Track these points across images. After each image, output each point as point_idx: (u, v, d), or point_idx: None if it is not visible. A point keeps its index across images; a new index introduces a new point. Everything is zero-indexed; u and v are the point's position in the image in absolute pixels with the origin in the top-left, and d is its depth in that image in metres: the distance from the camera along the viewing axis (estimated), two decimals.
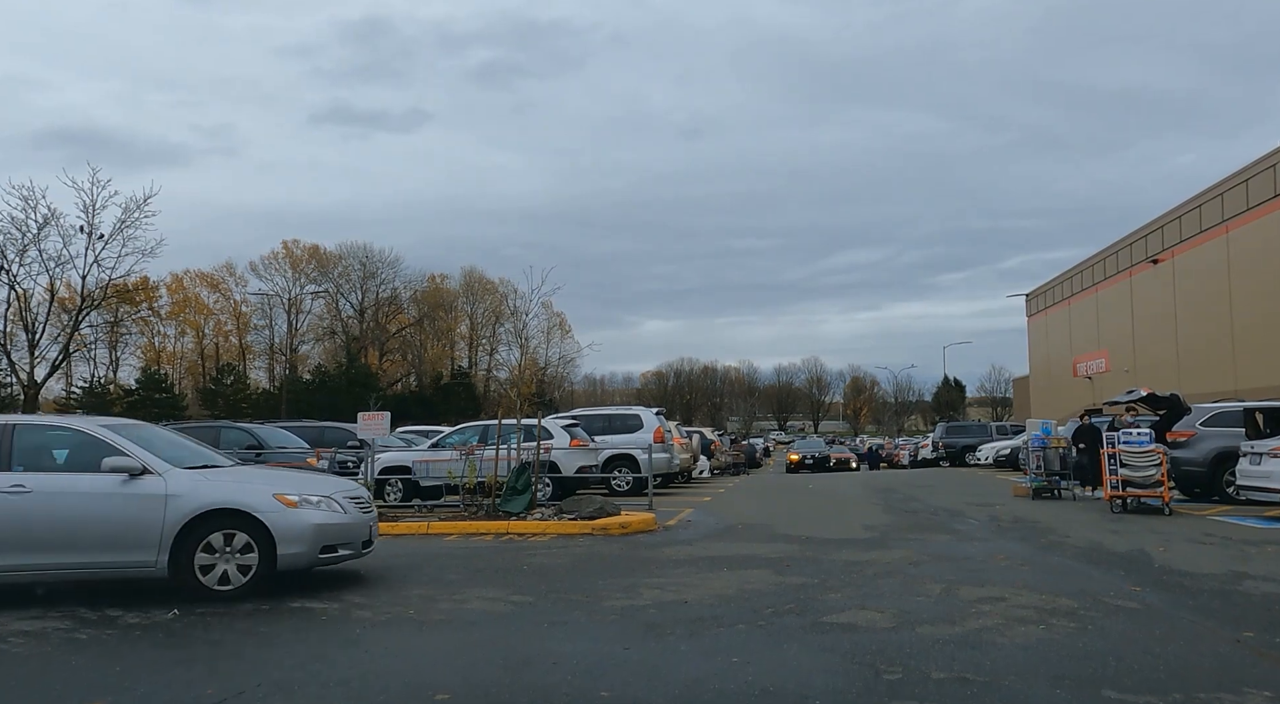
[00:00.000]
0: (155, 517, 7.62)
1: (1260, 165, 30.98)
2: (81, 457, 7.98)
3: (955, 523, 13.76)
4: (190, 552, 7.65)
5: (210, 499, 7.80)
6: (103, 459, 7.72)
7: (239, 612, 7.14)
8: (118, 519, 7.62)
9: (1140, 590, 7.67)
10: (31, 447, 8.01)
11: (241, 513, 7.79)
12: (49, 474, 7.84)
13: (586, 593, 7.78)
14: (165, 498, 7.68)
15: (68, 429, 8.36)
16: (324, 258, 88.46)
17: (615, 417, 22.55)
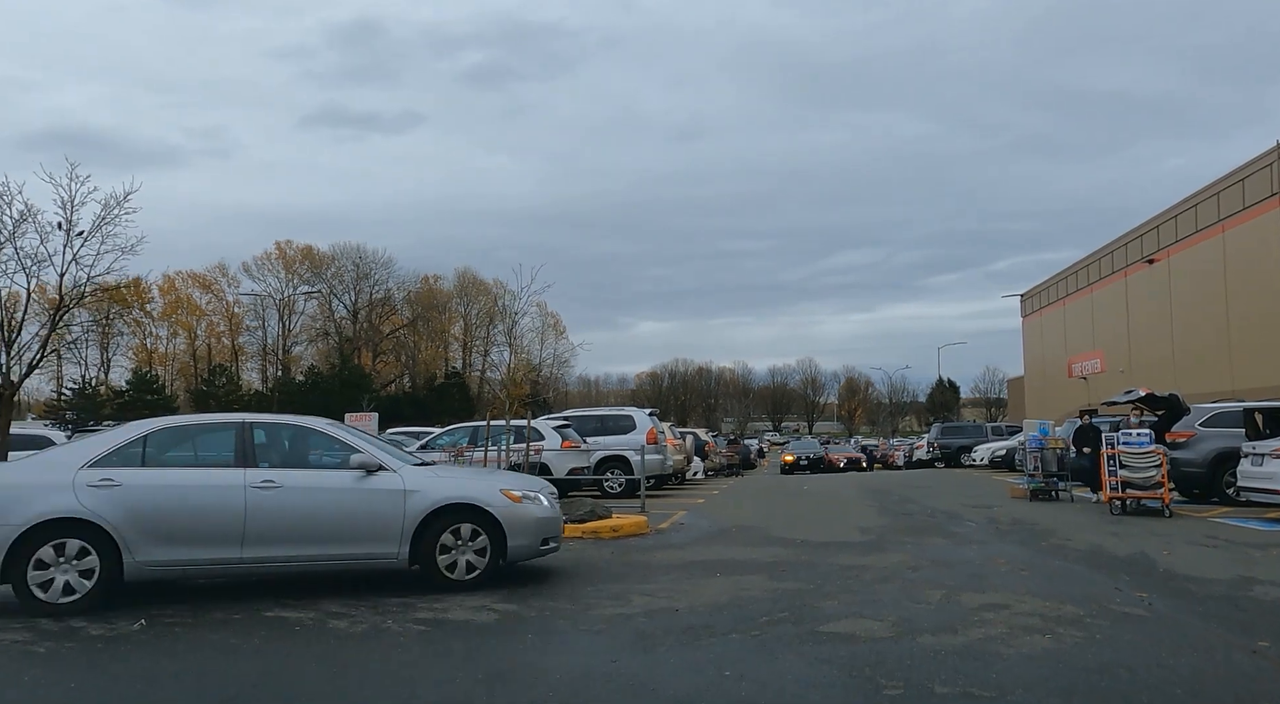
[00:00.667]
0: (396, 511, 7.98)
1: (1256, 165, 30.83)
2: (315, 453, 8.41)
3: (953, 525, 13.50)
4: (430, 544, 8.05)
5: (446, 494, 8.21)
6: (349, 456, 8.08)
7: (205, 622, 6.85)
8: (362, 513, 7.95)
9: (1147, 596, 7.41)
10: (270, 443, 8.27)
11: (474, 507, 8.21)
12: (292, 470, 8.06)
13: (574, 600, 7.50)
14: (404, 493, 8.06)
15: (302, 427, 8.71)
16: (317, 258, 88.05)
17: (608, 418, 22.27)
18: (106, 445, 7.74)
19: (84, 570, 7.23)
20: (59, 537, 7.22)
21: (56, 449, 8.04)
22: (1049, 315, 57.35)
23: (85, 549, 7.24)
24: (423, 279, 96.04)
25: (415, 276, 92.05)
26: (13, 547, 7.08)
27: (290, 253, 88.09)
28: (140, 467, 7.70)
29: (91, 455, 7.63)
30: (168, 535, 7.48)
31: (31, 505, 7.22)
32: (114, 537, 7.29)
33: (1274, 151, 29.23)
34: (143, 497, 7.47)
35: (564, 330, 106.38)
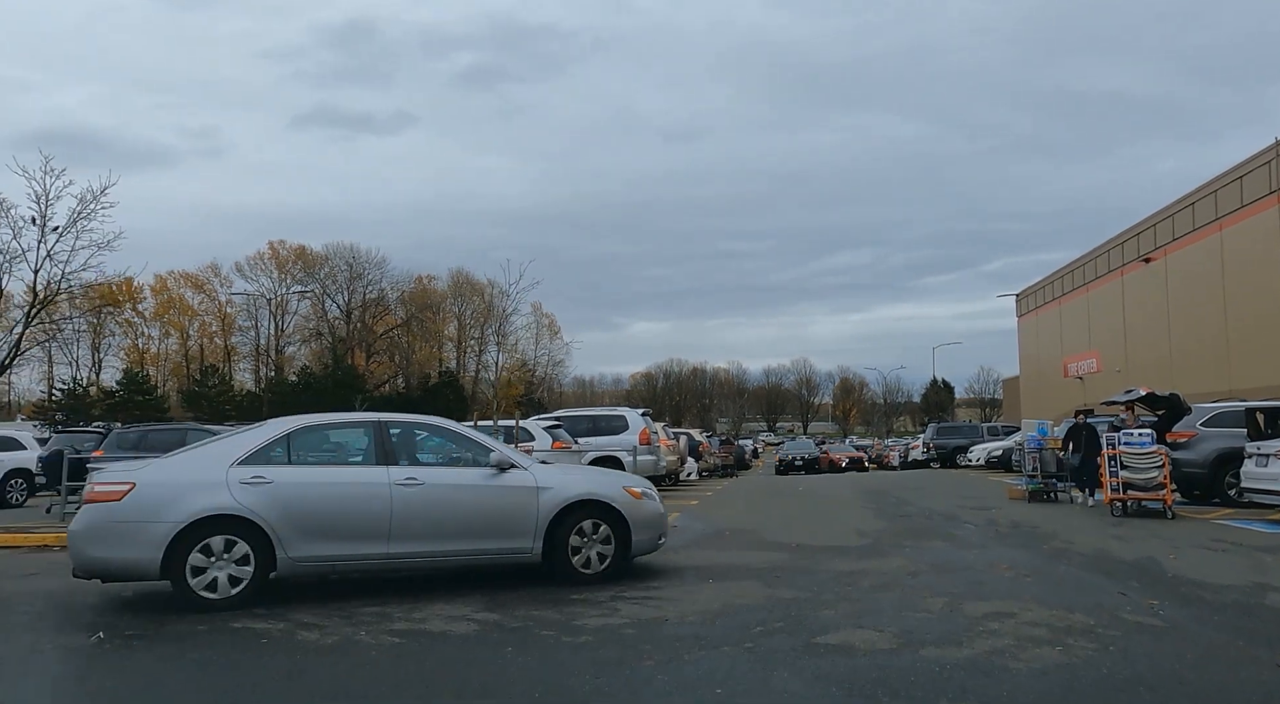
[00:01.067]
0: (530, 507, 8.25)
1: (1254, 162, 30.58)
2: (445, 451, 8.67)
3: (952, 528, 13.18)
4: (563, 539, 8.29)
5: (576, 491, 8.50)
6: (486, 454, 8.40)
7: (166, 634, 6.47)
8: (498, 510, 8.23)
9: (1158, 604, 7.08)
10: (403, 442, 8.43)
11: (601, 503, 8.48)
12: (430, 468, 8.28)
13: (559, 608, 7.14)
14: (537, 490, 8.33)
15: (432, 425, 8.98)
16: (310, 258, 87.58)
17: (600, 418, 21.92)
18: (253, 443, 7.85)
19: (238, 567, 7.36)
20: (216, 533, 7.33)
21: (203, 447, 8.07)
22: (1044, 315, 57.12)
23: (240, 546, 7.36)
24: (416, 279, 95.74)
25: (409, 276, 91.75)
26: (172, 542, 7.17)
27: (283, 253, 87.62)
28: (286, 464, 7.84)
29: (240, 453, 7.73)
30: (318, 531, 7.62)
31: (190, 502, 7.31)
32: (268, 533, 7.43)
33: (1272, 149, 28.97)
34: (293, 493, 7.63)
35: (559, 331, 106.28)
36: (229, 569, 7.31)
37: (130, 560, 7.20)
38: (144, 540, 7.15)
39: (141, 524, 7.19)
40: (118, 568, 7.31)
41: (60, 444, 19.27)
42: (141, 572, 7.27)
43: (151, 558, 7.15)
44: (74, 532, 7.33)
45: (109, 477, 7.53)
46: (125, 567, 7.27)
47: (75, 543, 7.30)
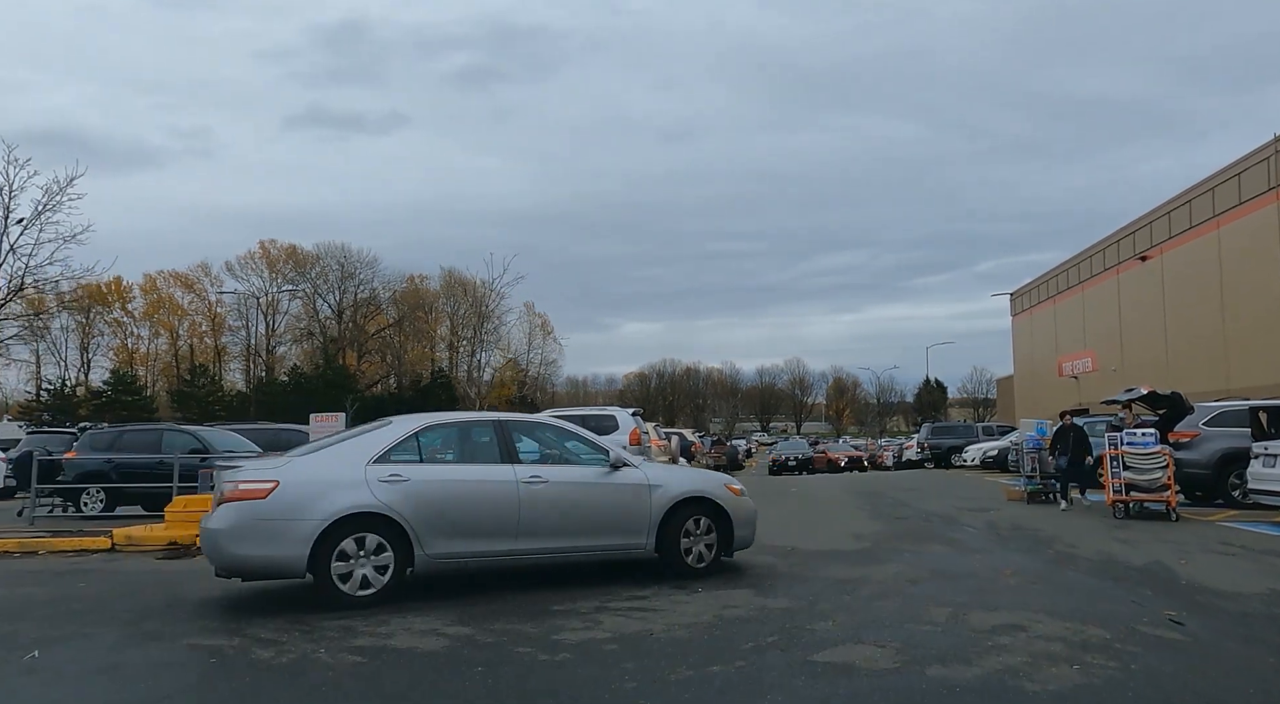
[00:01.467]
0: (644, 504, 8.52)
1: (1252, 159, 30.22)
2: (560, 450, 8.78)
3: (951, 531, 12.74)
4: (674, 535, 8.59)
5: (684, 488, 8.81)
6: (602, 452, 8.67)
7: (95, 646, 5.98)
8: (617, 506, 8.46)
9: (1176, 615, 6.64)
10: (523, 440, 8.58)
11: (707, 500, 8.82)
12: (551, 466, 8.44)
13: (537, 621, 6.66)
14: (649, 487, 8.59)
15: (547, 424, 9.28)
16: (301, 258, 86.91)
17: (589, 417, 21.38)
18: (386, 441, 7.88)
19: (379, 564, 7.41)
20: (357, 531, 7.35)
21: (336, 445, 8.04)
22: (1039, 314, 56.77)
23: (381, 543, 7.43)
24: (408, 279, 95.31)
25: (400, 276, 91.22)
26: (317, 540, 7.18)
27: (274, 252, 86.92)
28: (419, 462, 7.90)
29: (375, 451, 7.75)
30: (452, 529, 7.72)
31: (333, 500, 7.33)
32: (407, 531, 7.50)
33: (1271, 146, 28.61)
34: (428, 491, 7.70)
35: (551, 330, 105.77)
36: (369, 567, 7.37)
37: (275, 558, 7.22)
38: (290, 538, 7.17)
39: (287, 522, 7.19)
40: (261, 566, 7.35)
41: (31, 445, 18.76)
42: (286, 569, 7.29)
43: (298, 556, 7.18)
44: (216, 530, 7.24)
45: (251, 475, 7.42)
46: (269, 565, 7.31)
47: (218, 541, 7.22)
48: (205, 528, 7.43)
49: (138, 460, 16.05)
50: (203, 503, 11.84)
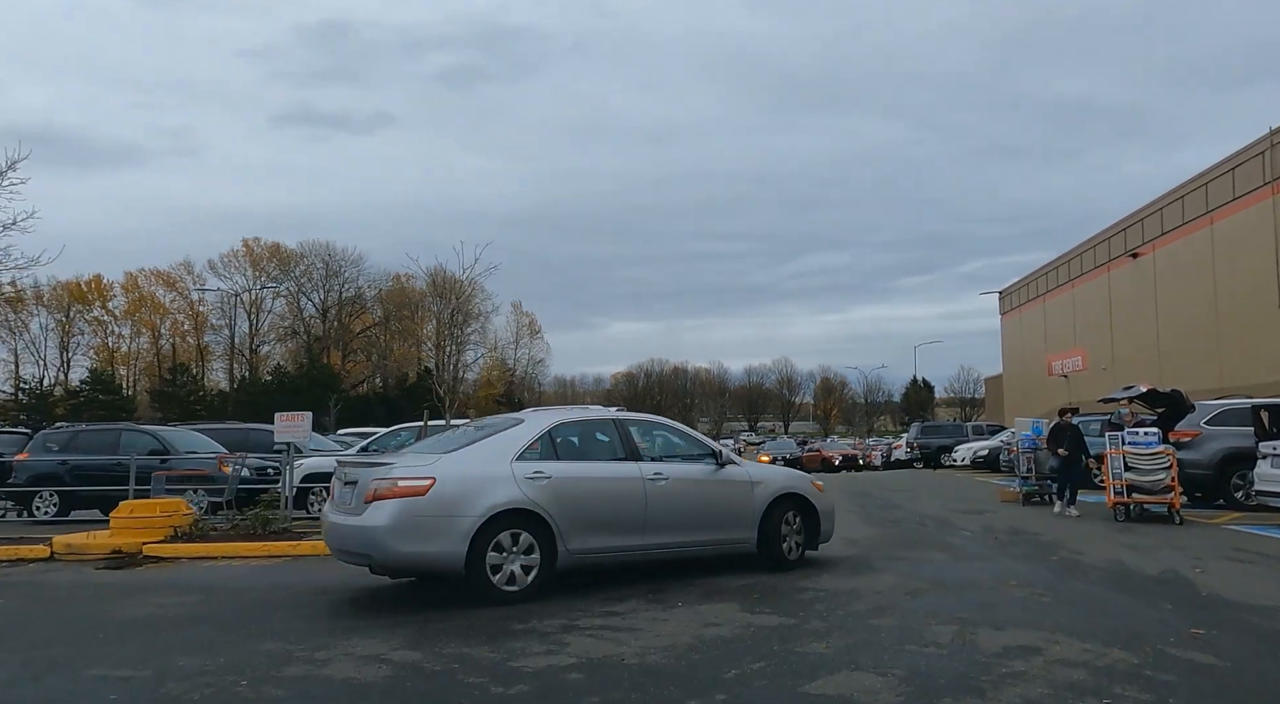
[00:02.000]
0: (748, 500, 8.92)
1: (1247, 153, 29.77)
2: (675, 447, 9.13)
3: (947, 536, 12.11)
4: (774, 529, 9.00)
5: (781, 485, 9.28)
6: (710, 450, 9.05)
7: None
8: (726, 502, 8.81)
9: (1205, 634, 6.00)
10: (640, 438, 8.78)
11: (798, 496, 9.31)
12: (668, 463, 8.68)
13: (496, 644, 5.97)
14: (752, 483, 9.02)
15: (658, 422, 9.56)
16: (285, 256, 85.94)
17: None
18: (526, 439, 7.98)
19: (526, 562, 7.51)
20: (507, 527, 7.43)
21: (479, 442, 8.00)
22: (1028, 313, 56.38)
23: (528, 540, 7.52)
24: (394, 278, 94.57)
25: (386, 275, 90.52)
26: (474, 536, 7.24)
27: (258, 250, 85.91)
28: (555, 460, 7.99)
29: (517, 449, 7.84)
30: (590, 525, 7.85)
31: (487, 496, 7.40)
32: (552, 527, 7.60)
33: (1266, 139, 28.16)
34: (568, 488, 7.82)
35: (539, 330, 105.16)
36: (518, 563, 7.46)
37: (436, 555, 7.22)
38: (450, 534, 7.19)
39: (447, 518, 7.22)
40: (424, 563, 7.36)
41: None
42: (446, 566, 7.28)
43: (457, 552, 7.19)
44: (379, 527, 7.12)
45: (407, 471, 7.37)
46: (431, 562, 7.31)
47: (380, 538, 7.13)
48: (362, 525, 7.20)
49: (93, 462, 15.27)
50: (149, 508, 11.13)
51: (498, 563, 7.36)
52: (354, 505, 7.42)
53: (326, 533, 7.95)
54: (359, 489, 7.42)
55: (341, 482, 7.86)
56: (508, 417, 9.05)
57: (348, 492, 7.62)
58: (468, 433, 8.59)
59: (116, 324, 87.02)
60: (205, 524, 11.29)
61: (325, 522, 7.98)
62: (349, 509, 7.49)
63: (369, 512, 7.20)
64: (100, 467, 15.15)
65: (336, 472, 8.18)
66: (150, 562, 10.24)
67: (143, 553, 10.32)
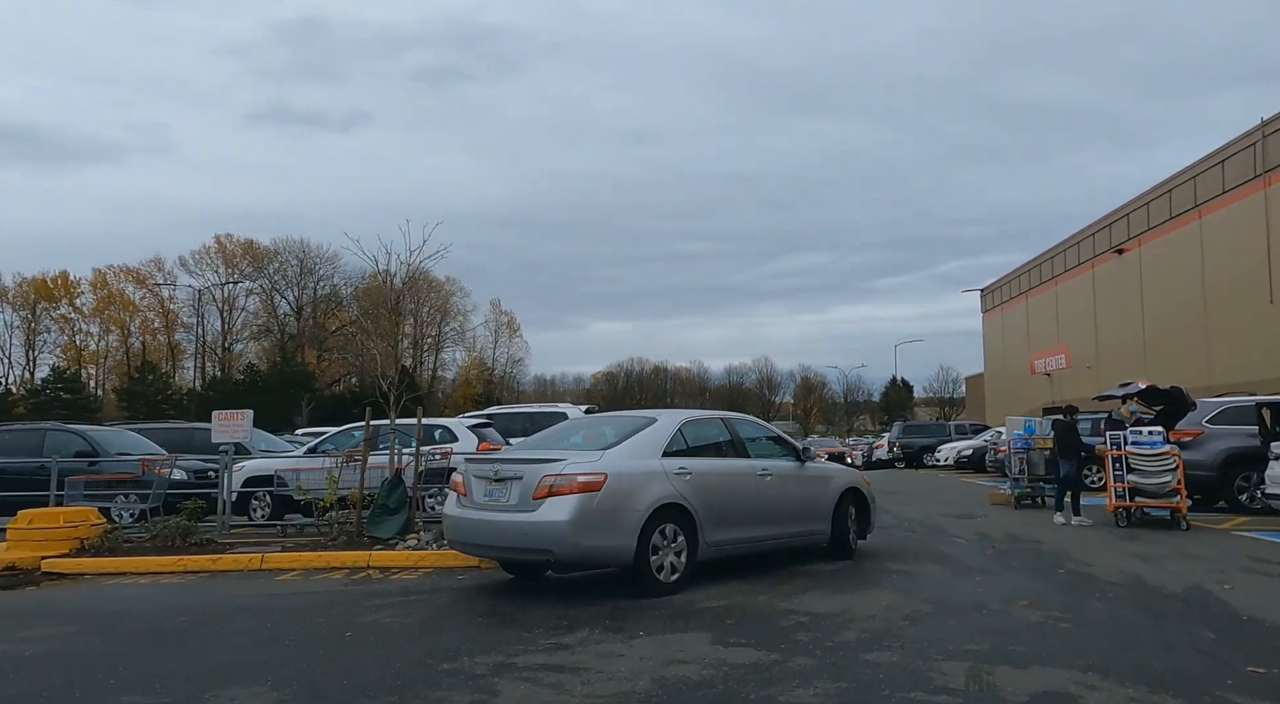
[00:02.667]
0: (826, 493, 9.57)
1: (1238, 145, 29.06)
2: (767, 445, 9.58)
3: (940, 544, 11.12)
4: (843, 521, 9.71)
5: (846, 480, 9.97)
6: (793, 447, 9.64)
7: None
8: (811, 496, 9.42)
9: (1266, 673, 5.01)
10: (742, 436, 9.25)
11: (856, 490, 10.03)
12: (767, 460, 9.17)
13: (416, 685, 4.89)
14: (827, 478, 9.73)
15: (754, 422, 10.08)
16: (259, 253, 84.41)
17: (538, 415, 19.64)
18: (666, 436, 8.27)
19: (677, 553, 7.81)
20: (663, 521, 7.70)
21: (634, 439, 8.13)
22: (1011, 311, 55.75)
23: (679, 532, 7.84)
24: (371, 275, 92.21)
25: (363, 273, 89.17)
26: (641, 529, 7.49)
27: (230, 247, 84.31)
28: (689, 456, 8.29)
29: (662, 445, 8.14)
30: (721, 518, 8.21)
31: (649, 491, 7.64)
32: (696, 520, 7.93)
33: (1258, 130, 27.44)
34: (705, 482, 8.18)
35: (518, 329, 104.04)
36: (671, 555, 7.76)
37: (611, 548, 7.43)
38: (622, 528, 7.41)
39: (619, 513, 7.43)
40: (600, 557, 7.58)
41: None
42: (618, 559, 7.51)
43: (628, 545, 7.42)
44: (562, 522, 7.22)
45: (580, 468, 7.48)
46: (606, 555, 7.53)
47: (566, 533, 7.21)
48: (540, 521, 7.28)
49: (14, 465, 14.02)
50: (51, 518, 9.96)
51: (658, 556, 7.62)
52: (517, 502, 7.47)
53: (461, 530, 7.95)
54: (525, 485, 7.45)
55: (488, 479, 7.78)
56: (633, 414, 9.44)
57: (499, 489, 7.63)
58: (599, 429, 8.75)
59: (84, 322, 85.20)
60: (118, 536, 10.12)
61: (457, 518, 7.97)
62: (506, 506, 7.54)
63: (545, 507, 7.28)
64: (22, 470, 13.91)
65: (469, 469, 8.12)
66: (51, 579, 9.08)
67: (40, 569, 9.15)
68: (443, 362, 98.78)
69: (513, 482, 7.55)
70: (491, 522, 7.58)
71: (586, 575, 8.68)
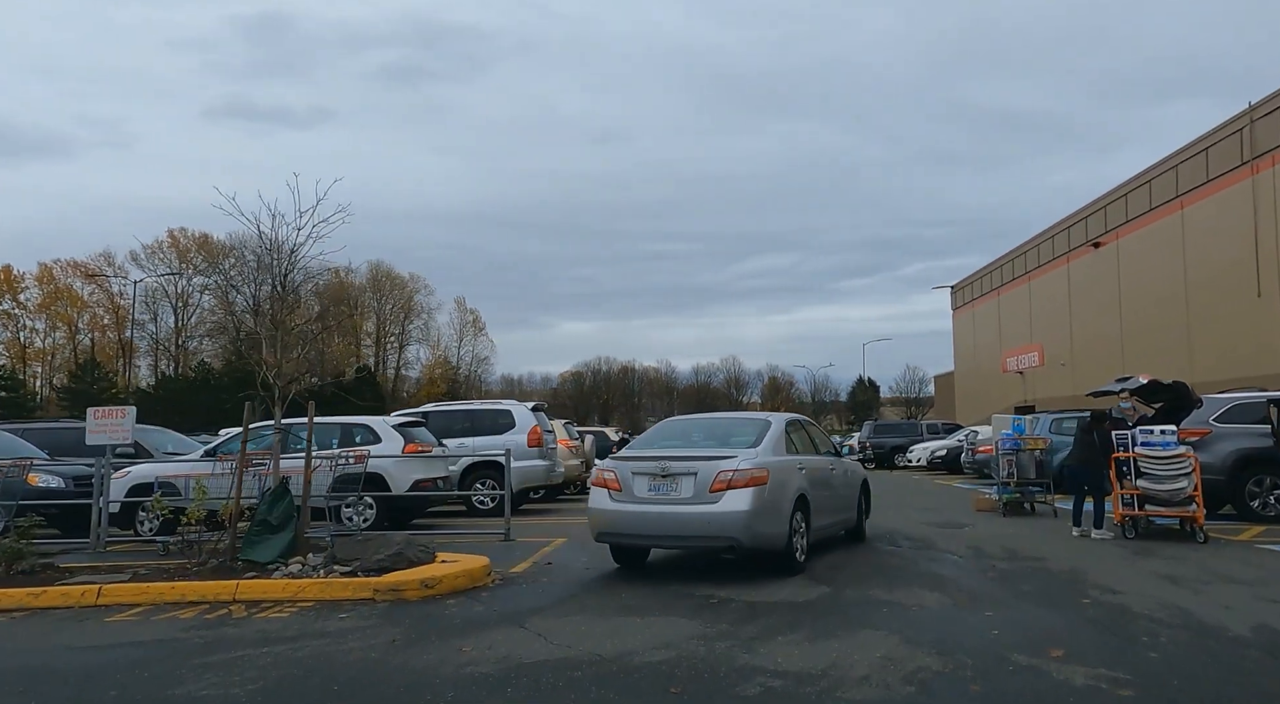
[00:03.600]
0: (856, 484, 11.19)
1: (1223, 131, 27.88)
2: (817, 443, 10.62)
3: (931, 562, 9.50)
4: (866, 512, 11.55)
5: (862, 473, 11.77)
6: (831, 445, 11.16)
7: None
8: (850, 485, 10.90)
9: None
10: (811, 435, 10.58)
11: (866, 481, 11.77)
12: (825, 456, 10.44)
13: None
14: (854, 470, 11.34)
15: (805, 421, 10.98)
16: (214, 248, 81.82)
17: (480, 413, 17.82)
18: (781, 435, 9.29)
19: (802, 536, 8.88)
20: (798, 510, 8.79)
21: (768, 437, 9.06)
22: (982, 308, 54.65)
23: (803, 519, 8.92)
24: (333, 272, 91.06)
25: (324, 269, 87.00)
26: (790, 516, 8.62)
27: (184, 242, 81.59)
28: (793, 454, 9.35)
29: (784, 442, 9.24)
30: (820, 507, 9.44)
31: (792, 483, 8.83)
32: (810, 508, 9.09)
33: (1245, 115, 26.25)
34: (813, 476, 9.43)
35: (483, 327, 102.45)
36: (800, 542, 8.75)
37: (774, 535, 8.38)
38: (780, 516, 8.44)
39: (777, 503, 8.43)
40: (768, 542, 8.36)
41: None
42: (777, 543, 8.41)
43: (784, 532, 8.45)
44: (742, 512, 8.04)
45: (748, 463, 8.31)
46: (771, 540, 8.37)
47: (747, 522, 8.07)
48: (721, 511, 8.06)
49: None
50: None
51: (794, 540, 8.57)
52: (691, 495, 8.20)
53: (622, 522, 8.51)
54: (699, 481, 8.19)
55: (652, 475, 8.40)
56: (747, 415, 11.19)
57: (667, 483, 8.31)
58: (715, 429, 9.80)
59: (29, 318, 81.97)
60: None
61: (616, 512, 8.50)
62: (678, 499, 8.25)
63: (725, 500, 8.09)
64: None
65: (625, 466, 8.69)
66: None
67: None
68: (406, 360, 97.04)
69: (683, 477, 8.24)
70: (663, 513, 8.24)
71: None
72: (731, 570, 8.84)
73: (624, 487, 8.48)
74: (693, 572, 9.01)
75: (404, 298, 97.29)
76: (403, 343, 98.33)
